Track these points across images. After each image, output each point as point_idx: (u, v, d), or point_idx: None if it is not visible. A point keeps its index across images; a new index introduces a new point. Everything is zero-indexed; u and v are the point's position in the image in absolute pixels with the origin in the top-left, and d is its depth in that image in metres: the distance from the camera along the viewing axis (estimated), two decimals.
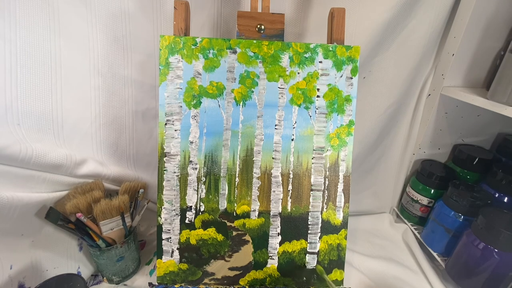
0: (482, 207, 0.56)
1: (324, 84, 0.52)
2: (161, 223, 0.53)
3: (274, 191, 0.54)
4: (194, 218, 0.54)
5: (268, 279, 0.56)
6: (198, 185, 0.53)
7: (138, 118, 0.62)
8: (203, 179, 0.53)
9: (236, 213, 0.54)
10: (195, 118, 0.52)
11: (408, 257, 0.68)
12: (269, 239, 0.55)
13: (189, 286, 0.55)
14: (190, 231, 0.54)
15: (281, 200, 0.54)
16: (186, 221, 0.54)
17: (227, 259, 0.55)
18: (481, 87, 0.66)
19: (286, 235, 0.55)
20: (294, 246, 0.55)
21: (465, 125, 0.71)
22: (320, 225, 0.55)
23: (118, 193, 0.57)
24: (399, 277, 0.63)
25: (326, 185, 0.54)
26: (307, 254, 0.55)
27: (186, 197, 0.53)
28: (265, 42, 0.51)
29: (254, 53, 0.51)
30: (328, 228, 0.55)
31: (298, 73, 0.52)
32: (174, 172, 0.52)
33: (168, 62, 0.50)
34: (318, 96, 0.53)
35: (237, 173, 0.53)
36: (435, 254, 0.65)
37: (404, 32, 0.61)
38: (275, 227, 0.55)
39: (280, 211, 0.54)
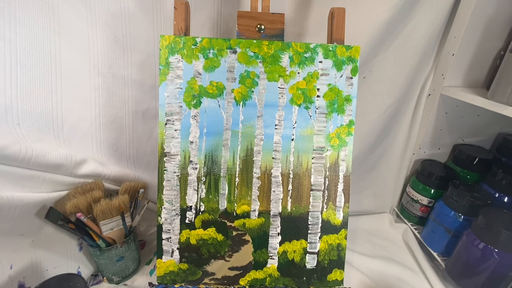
0: (482, 207, 0.56)
1: (324, 84, 0.52)
2: (161, 223, 0.53)
3: (274, 191, 0.54)
4: (194, 218, 0.54)
5: (268, 279, 0.56)
6: (198, 185, 0.53)
7: (138, 118, 0.62)
8: (203, 179, 0.53)
9: (236, 213, 0.54)
10: (195, 118, 0.52)
11: (408, 257, 0.68)
12: (269, 239, 0.55)
13: (189, 286, 0.55)
14: (190, 231, 0.54)
15: (281, 200, 0.54)
16: (186, 221, 0.54)
17: (227, 259, 0.55)
18: (481, 87, 0.66)
19: (286, 235, 0.55)
20: (294, 246, 0.55)
21: (465, 125, 0.71)
22: (320, 225, 0.55)
23: (118, 193, 0.57)
24: (399, 277, 0.63)
25: (326, 185, 0.54)
26: (307, 254, 0.55)
27: (186, 197, 0.53)
28: (265, 42, 0.51)
29: (254, 53, 0.51)
30: (328, 228, 0.55)
31: (298, 73, 0.52)
32: (174, 172, 0.52)
33: (168, 62, 0.50)
34: (318, 96, 0.53)
35: (237, 173, 0.53)
36: (435, 254, 0.65)
37: (404, 32, 0.61)
38: (275, 227, 0.55)
39: (280, 211, 0.54)
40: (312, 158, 0.54)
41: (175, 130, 0.52)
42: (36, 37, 0.50)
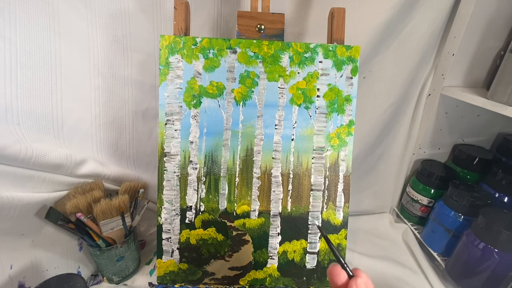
0: (482, 207, 0.56)
1: (324, 84, 0.52)
2: (161, 223, 0.53)
3: (274, 191, 0.54)
4: (194, 218, 0.54)
5: (268, 279, 0.56)
6: (198, 185, 0.53)
7: (138, 118, 0.62)
8: (203, 179, 0.53)
9: (236, 213, 0.54)
10: (195, 118, 0.52)
11: (408, 257, 0.68)
12: (269, 239, 0.55)
13: (189, 286, 0.55)
14: (190, 231, 0.54)
15: (281, 200, 0.54)
16: (186, 221, 0.54)
17: (227, 259, 0.55)
18: (481, 87, 0.66)
19: (286, 235, 0.55)
20: (294, 246, 0.55)
21: (465, 125, 0.71)
22: (320, 225, 0.55)
23: (118, 193, 0.57)
24: (399, 277, 0.63)
25: (326, 185, 0.54)
26: (307, 254, 0.55)
27: (186, 197, 0.53)
28: (265, 42, 0.51)
29: (254, 53, 0.51)
30: (328, 228, 0.55)
31: (298, 73, 0.52)
32: (174, 172, 0.52)
33: (168, 62, 0.50)
34: (318, 96, 0.53)
35: (237, 173, 0.53)
36: (435, 254, 0.65)
37: (404, 32, 0.61)
38: (275, 227, 0.55)
39: (280, 211, 0.54)
40: (312, 158, 0.54)
41: (175, 130, 0.52)
42: (36, 37, 0.50)
